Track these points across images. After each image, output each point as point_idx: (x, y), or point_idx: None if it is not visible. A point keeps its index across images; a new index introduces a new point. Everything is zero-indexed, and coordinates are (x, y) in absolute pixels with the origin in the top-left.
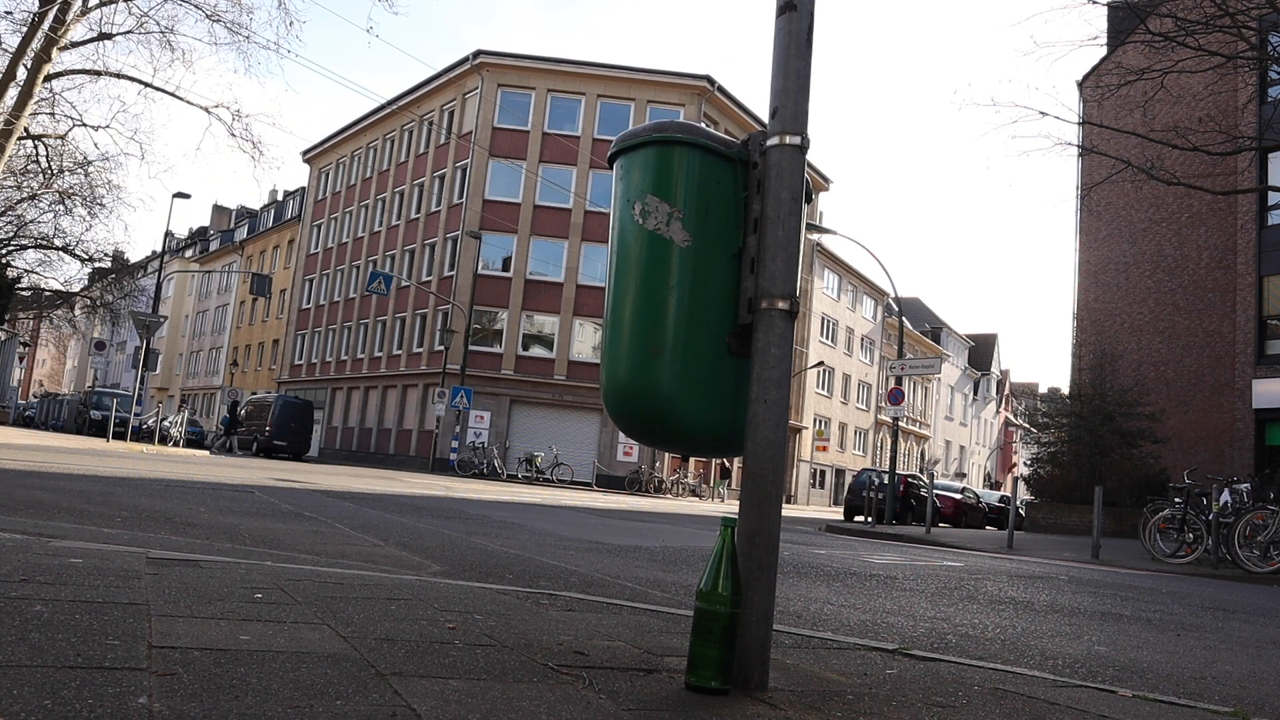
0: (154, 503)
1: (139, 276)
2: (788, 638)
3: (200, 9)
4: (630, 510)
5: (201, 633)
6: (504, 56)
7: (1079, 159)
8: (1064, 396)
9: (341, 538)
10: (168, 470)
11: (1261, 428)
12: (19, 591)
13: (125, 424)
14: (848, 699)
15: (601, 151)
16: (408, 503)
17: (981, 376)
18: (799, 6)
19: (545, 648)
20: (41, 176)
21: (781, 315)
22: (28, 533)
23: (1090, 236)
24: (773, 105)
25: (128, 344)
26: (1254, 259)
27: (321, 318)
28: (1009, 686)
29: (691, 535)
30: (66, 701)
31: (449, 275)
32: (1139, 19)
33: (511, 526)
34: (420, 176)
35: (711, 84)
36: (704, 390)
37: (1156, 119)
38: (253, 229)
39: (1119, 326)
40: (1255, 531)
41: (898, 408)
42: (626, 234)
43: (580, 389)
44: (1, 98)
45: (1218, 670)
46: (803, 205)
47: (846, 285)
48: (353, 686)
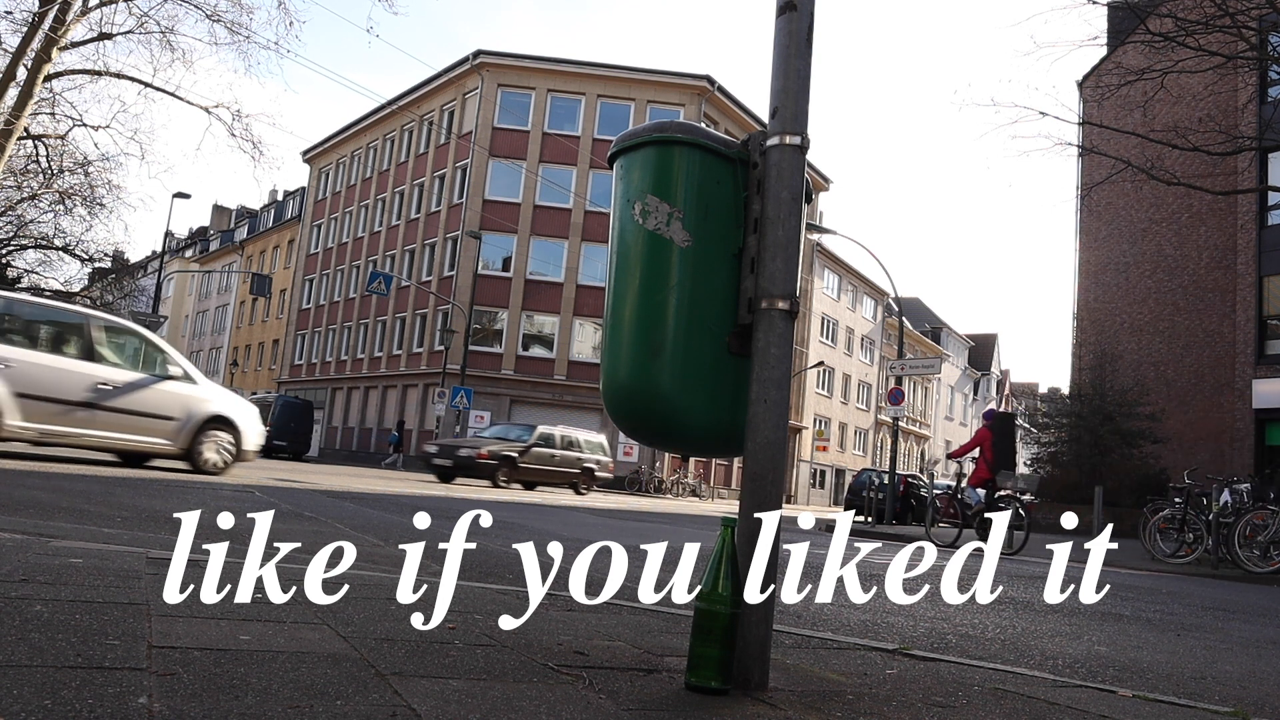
0: (154, 503)
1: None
2: (788, 638)
3: (200, 9)
4: (630, 510)
5: (201, 633)
6: (504, 56)
7: (1079, 159)
8: (1064, 396)
9: (341, 538)
10: (168, 470)
11: (1261, 428)
12: (19, 591)
13: None
14: (848, 699)
15: (601, 151)
16: (408, 503)
17: (981, 376)
18: (799, 6)
19: (545, 648)
20: (41, 176)
21: (781, 315)
22: (28, 533)
23: (1090, 236)
24: (773, 105)
25: None
26: (1254, 259)
27: (321, 318)
28: (1009, 686)
29: (691, 535)
30: (66, 701)
31: (449, 275)
32: (1139, 19)
33: (511, 526)
34: (420, 176)
35: (711, 84)
36: (704, 390)
37: (1156, 119)
38: (253, 229)
39: (1119, 326)
40: (1255, 531)
41: (898, 408)
42: (626, 234)
43: (580, 389)
44: (1, 98)
45: (1218, 670)
46: (803, 205)
47: (846, 285)
48: (353, 686)
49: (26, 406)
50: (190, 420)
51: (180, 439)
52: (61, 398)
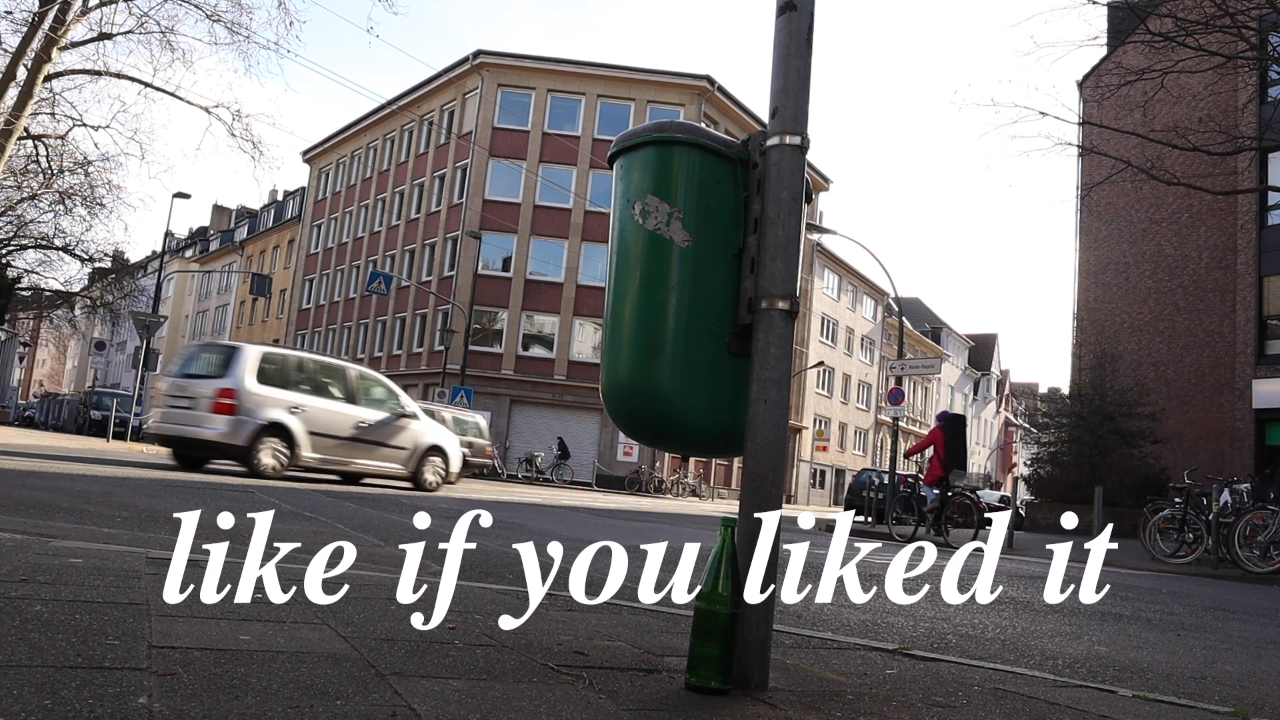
0: (154, 503)
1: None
2: (788, 638)
3: (200, 9)
4: (630, 510)
5: (201, 633)
6: (504, 56)
7: (1079, 159)
8: (1064, 396)
9: (341, 538)
10: (168, 470)
11: (1261, 428)
12: (19, 591)
13: (125, 424)
14: (848, 699)
15: (601, 151)
16: (408, 503)
17: (981, 376)
18: (799, 6)
19: (545, 648)
20: (41, 176)
21: (781, 315)
22: (28, 533)
23: (1090, 236)
24: (773, 105)
25: (128, 344)
26: (1254, 259)
27: (321, 318)
28: (1009, 686)
29: (691, 535)
30: (66, 701)
31: (449, 275)
32: (1139, 19)
33: (511, 526)
34: (420, 176)
35: (711, 84)
36: (704, 390)
37: (1156, 119)
38: (253, 229)
39: (1119, 326)
40: (1255, 531)
41: (898, 408)
42: (626, 234)
43: (580, 389)
44: (1, 98)
45: (1218, 670)
46: (803, 205)
47: (846, 285)
48: (353, 686)
49: (314, 441)
50: (417, 450)
51: (409, 465)
52: (335, 434)
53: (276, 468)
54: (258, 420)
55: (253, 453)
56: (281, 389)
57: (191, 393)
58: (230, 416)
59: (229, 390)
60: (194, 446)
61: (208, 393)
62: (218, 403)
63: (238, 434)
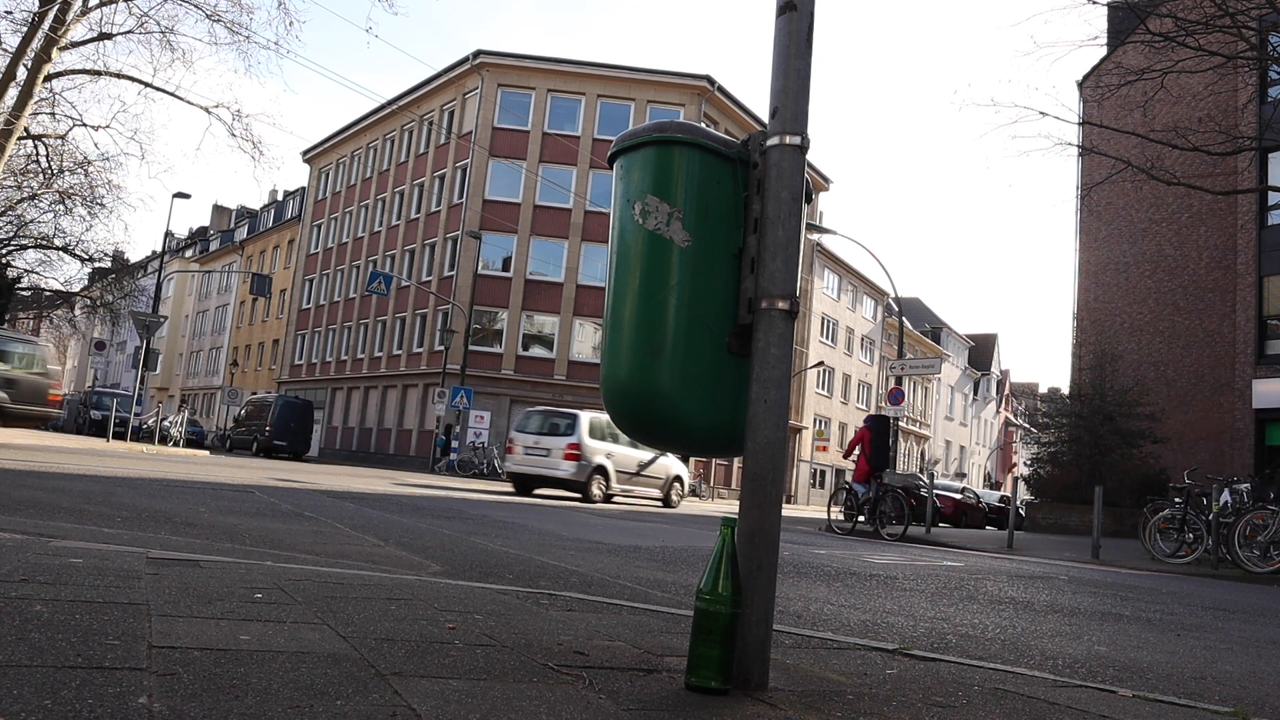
0: (154, 503)
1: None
2: (788, 638)
3: (200, 9)
4: (630, 510)
5: (201, 633)
6: (504, 56)
7: (1079, 159)
8: (1064, 396)
9: (341, 538)
10: (168, 470)
11: (1261, 428)
12: (19, 591)
13: (125, 424)
14: (848, 699)
15: (601, 151)
16: (408, 503)
17: (981, 376)
18: (799, 6)
19: (545, 648)
20: (41, 176)
21: (781, 315)
22: (28, 533)
23: (1090, 236)
24: (773, 105)
25: (128, 344)
26: (1254, 259)
27: (321, 318)
28: (1009, 686)
29: (691, 535)
30: (66, 701)
31: (449, 275)
32: (1139, 19)
33: (511, 526)
34: (420, 176)
35: (711, 84)
36: (704, 390)
37: (1156, 119)
38: (253, 229)
39: (1119, 326)
40: (1255, 531)
41: (898, 408)
42: (626, 234)
43: (580, 389)
44: (1, 98)
45: (1218, 670)
46: (803, 205)
47: (846, 285)
48: (353, 686)
49: (618, 476)
50: (668, 478)
51: (663, 490)
52: (627, 470)
53: (599, 495)
54: (592, 464)
55: (588, 485)
56: (600, 441)
57: (546, 445)
58: (576, 462)
59: (575, 445)
60: (548, 482)
61: (560, 446)
62: (568, 452)
63: (581, 473)
